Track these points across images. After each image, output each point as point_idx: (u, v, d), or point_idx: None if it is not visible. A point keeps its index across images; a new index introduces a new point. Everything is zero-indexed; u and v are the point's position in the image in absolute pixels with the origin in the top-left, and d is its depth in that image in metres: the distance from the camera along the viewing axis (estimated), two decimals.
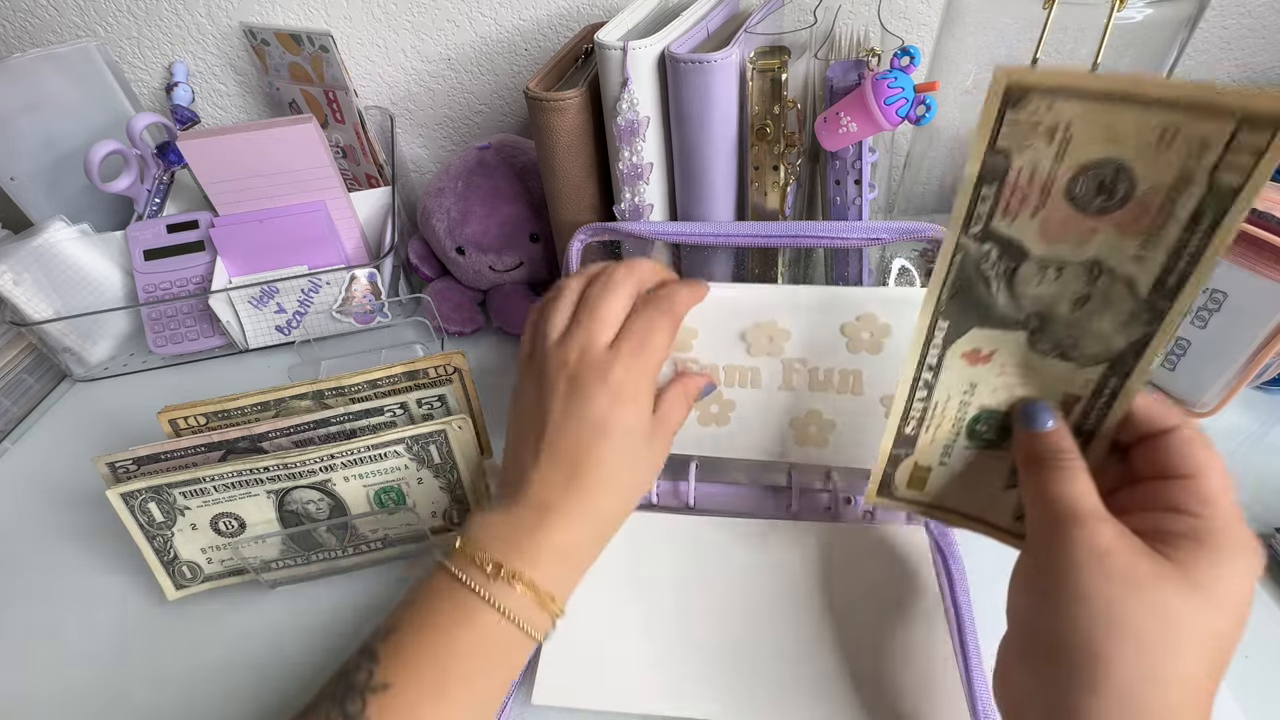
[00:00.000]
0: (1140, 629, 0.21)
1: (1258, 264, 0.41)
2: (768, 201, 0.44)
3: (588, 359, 0.31)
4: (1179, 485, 0.23)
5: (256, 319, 0.57)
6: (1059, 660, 0.22)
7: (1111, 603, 0.21)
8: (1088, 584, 0.22)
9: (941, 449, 0.29)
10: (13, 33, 0.63)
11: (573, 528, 0.31)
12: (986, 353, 0.26)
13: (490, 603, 0.28)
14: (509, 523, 0.31)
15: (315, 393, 0.39)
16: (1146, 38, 0.36)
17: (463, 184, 0.56)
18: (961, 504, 0.30)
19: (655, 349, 0.32)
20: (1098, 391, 0.25)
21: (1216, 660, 0.21)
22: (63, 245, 0.56)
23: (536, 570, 0.30)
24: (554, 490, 0.31)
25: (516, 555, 0.30)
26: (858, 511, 0.39)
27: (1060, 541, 0.23)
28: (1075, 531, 0.23)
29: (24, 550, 0.45)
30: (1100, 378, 0.25)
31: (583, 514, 0.31)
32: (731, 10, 0.48)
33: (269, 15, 0.61)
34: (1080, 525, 0.23)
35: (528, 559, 0.30)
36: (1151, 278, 0.22)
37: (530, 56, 0.63)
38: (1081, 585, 0.22)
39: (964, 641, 0.34)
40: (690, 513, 0.41)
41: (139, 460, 0.37)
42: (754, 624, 0.36)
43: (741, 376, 0.38)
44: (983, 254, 0.24)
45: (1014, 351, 0.26)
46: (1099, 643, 0.21)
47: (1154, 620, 0.21)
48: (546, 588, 0.30)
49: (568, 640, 0.35)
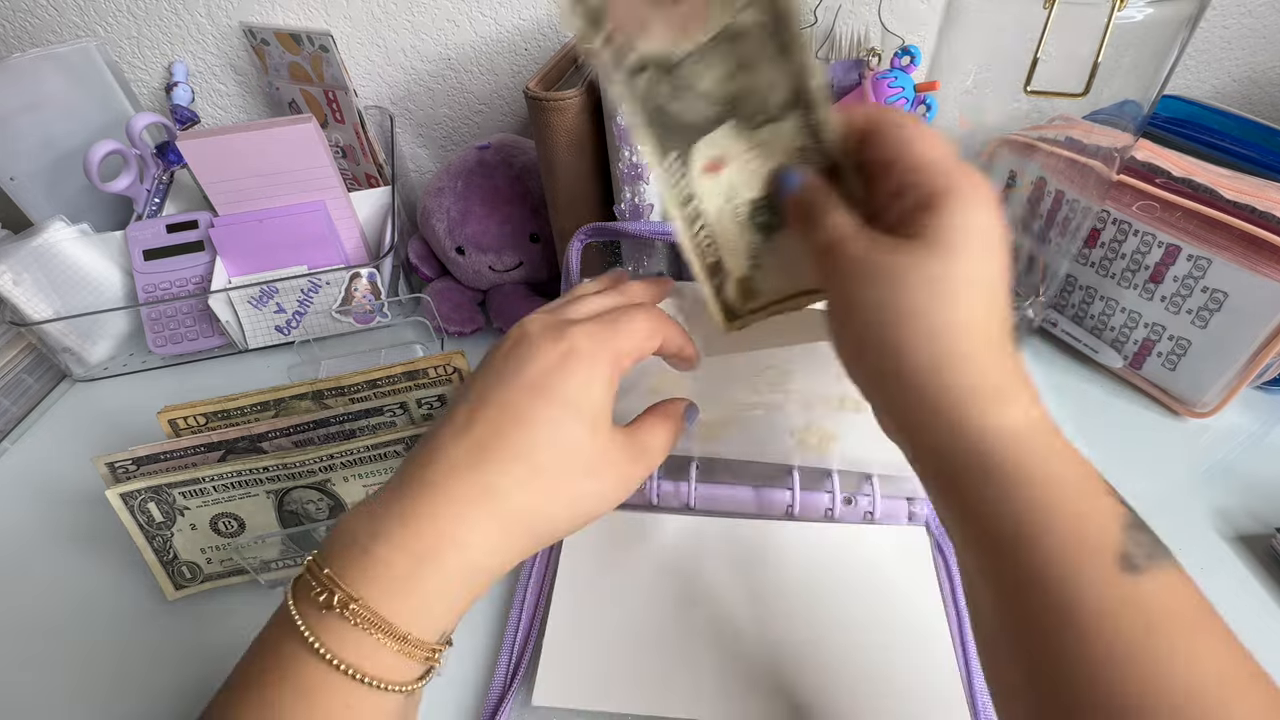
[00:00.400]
0: (908, 307, 0.22)
1: (1258, 264, 0.41)
2: None
3: (546, 322, 0.26)
4: (896, 168, 0.24)
5: (256, 319, 0.57)
6: (873, 366, 0.24)
7: (880, 300, 0.23)
8: (859, 294, 0.23)
9: (747, 256, 0.30)
10: (12, 33, 0.63)
11: (463, 516, 0.23)
12: (717, 157, 0.27)
13: (316, 649, 0.21)
14: (371, 514, 0.23)
15: (315, 393, 0.39)
16: (1147, 37, 0.36)
17: (463, 184, 0.56)
18: (796, 285, 0.31)
19: (627, 331, 0.27)
20: (810, 131, 0.26)
21: (984, 298, 0.22)
22: (62, 245, 0.56)
23: (392, 590, 0.22)
24: (454, 464, 0.23)
25: (363, 566, 0.22)
26: (858, 512, 0.39)
27: (831, 272, 0.24)
28: (837, 258, 0.24)
29: (23, 550, 0.45)
30: (800, 119, 0.26)
31: (484, 498, 0.23)
32: None
33: (269, 15, 0.61)
34: (839, 250, 0.24)
35: (381, 569, 0.22)
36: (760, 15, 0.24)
37: (530, 56, 0.63)
38: (856, 298, 0.23)
39: (964, 642, 0.34)
40: (690, 513, 0.41)
41: (138, 460, 0.37)
42: (754, 625, 0.36)
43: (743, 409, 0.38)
44: (648, 83, 0.26)
45: (734, 141, 0.27)
46: (887, 337, 0.22)
47: (913, 293, 0.22)
48: (404, 622, 0.21)
49: (568, 641, 0.35)
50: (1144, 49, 0.37)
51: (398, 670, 0.22)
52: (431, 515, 0.23)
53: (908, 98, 0.37)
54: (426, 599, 0.22)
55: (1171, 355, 0.47)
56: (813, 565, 0.38)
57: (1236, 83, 0.63)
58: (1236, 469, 0.44)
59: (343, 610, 0.21)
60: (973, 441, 0.22)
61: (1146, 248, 0.46)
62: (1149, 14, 0.35)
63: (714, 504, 0.41)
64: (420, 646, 0.22)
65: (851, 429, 0.37)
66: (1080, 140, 0.43)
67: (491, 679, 0.35)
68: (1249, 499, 0.42)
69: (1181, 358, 0.46)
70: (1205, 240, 0.43)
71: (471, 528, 0.23)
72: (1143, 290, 0.47)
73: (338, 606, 0.21)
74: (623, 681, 0.34)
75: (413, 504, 0.23)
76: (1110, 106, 0.40)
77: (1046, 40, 0.35)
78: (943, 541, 0.38)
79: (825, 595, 0.36)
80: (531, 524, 0.24)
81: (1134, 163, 0.48)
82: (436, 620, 0.23)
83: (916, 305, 0.22)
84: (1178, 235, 0.44)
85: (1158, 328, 0.47)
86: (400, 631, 0.22)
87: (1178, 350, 0.46)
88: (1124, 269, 0.48)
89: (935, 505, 0.24)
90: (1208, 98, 0.58)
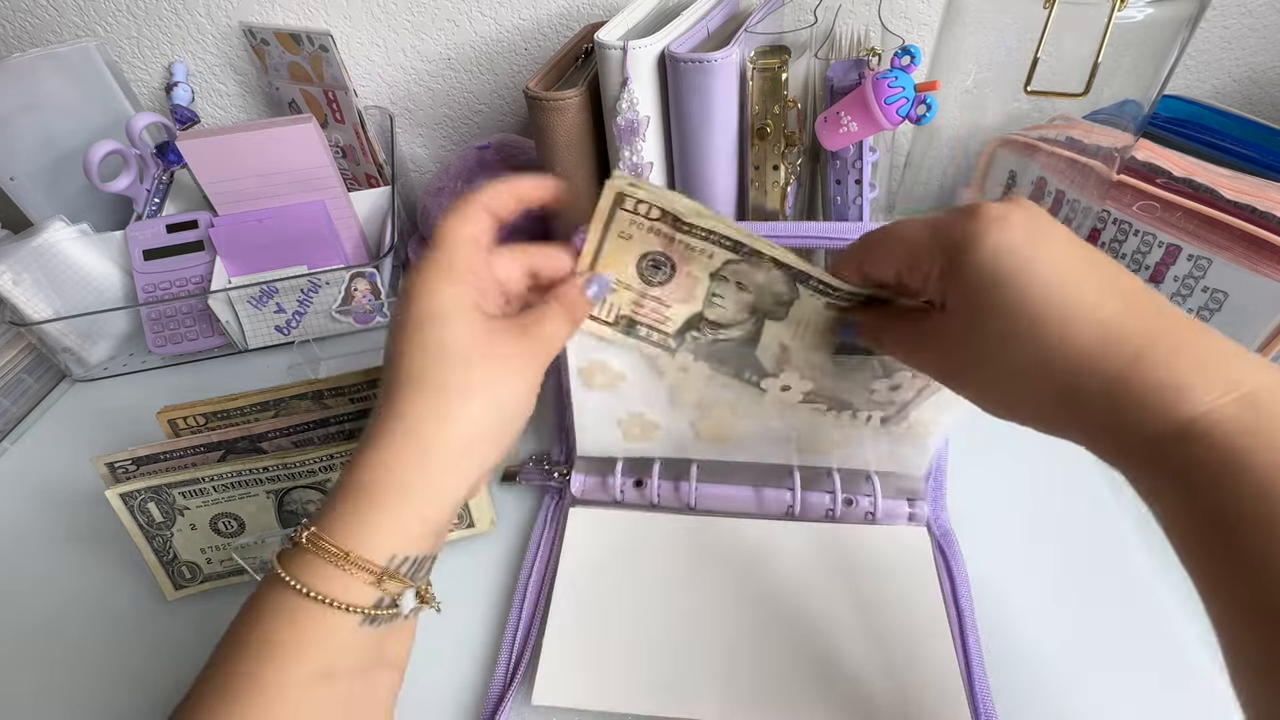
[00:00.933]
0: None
1: (1258, 264, 0.41)
2: (768, 201, 0.44)
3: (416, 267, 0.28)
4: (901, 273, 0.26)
5: (256, 319, 0.57)
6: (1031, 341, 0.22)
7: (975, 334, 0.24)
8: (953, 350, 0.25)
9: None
10: (12, 33, 0.63)
11: (380, 445, 0.25)
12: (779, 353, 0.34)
13: (280, 576, 0.24)
14: (345, 469, 0.26)
15: (315, 393, 0.39)
16: (1147, 37, 0.36)
17: (463, 184, 0.56)
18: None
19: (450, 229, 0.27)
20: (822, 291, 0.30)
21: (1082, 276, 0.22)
22: (62, 245, 0.56)
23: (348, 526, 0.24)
24: (378, 402, 0.26)
25: (331, 512, 0.25)
26: (859, 513, 0.39)
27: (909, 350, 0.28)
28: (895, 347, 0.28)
29: (23, 550, 0.45)
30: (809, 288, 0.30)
31: (389, 421, 0.25)
32: (731, 10, 0.48)
33: (269, 15, 0.61)
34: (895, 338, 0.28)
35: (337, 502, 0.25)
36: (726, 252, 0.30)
37: (530, 56, 0.63)
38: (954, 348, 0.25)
39: (965, 643, 0.34)
40: (691, 513, 0.41)
41: (138, 460, 0.37)
42: (755, 625, 0.36)
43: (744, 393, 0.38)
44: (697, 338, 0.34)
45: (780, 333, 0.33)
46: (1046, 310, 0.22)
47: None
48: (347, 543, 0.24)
49: (568, 640, 0.35)
50: (1144, 49, 0.37)
51: (349, 591, 0.24)
52: (365, 441, 0.25)
53: (908, 98, 0.37)
54: (368, 522, 0.24)
55: None
56: (813, 565, 0.38)
57: (1236, 83, 0.63)
58: None
59: (305, 540, 0.24)
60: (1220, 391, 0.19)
61: (1147, 248, 0.46)
62: (1149, 14, 0.35)
63: (714, 504, 0.41)
64: (363, 565, 0.24)
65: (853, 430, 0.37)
66: (1080, 140, 0.43)
67: (491, 678, 0.35)
68: None
69: None
70: (1205, 240, 0.43)
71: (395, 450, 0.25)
72: None
73: (306, 540, 0.24)
74: (623, 681, 0.34)
75: (362, 443, 0.25)
76: (1110, 106, 0.40)
77: (1046, 40, 0.35)
78: (944, 542, 0.38)
79: (826, 595, 0.36)
80: (443, 432, 0.25)
81: (1134, 163, 0.48)
82: (383, 543, 0.24)
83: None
84: (1178, 235, 0.44)
85: None
86: (340, 550, 0.24)
87: None
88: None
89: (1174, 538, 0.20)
90: (1208, 98, 0.58)
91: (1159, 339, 0.20)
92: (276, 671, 0.23)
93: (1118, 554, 0.38)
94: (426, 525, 0.25)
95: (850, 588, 0.37)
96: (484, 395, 0.26)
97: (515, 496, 0.44)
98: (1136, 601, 0.36)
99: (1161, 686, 0.33)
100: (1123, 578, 0.37)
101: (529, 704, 0.34)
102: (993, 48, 0.40)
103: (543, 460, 0.44)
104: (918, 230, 0.24)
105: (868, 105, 0.37)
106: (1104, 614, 0.36)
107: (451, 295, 0.26)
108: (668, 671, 0.34)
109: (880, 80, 0.37)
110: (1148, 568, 0.37)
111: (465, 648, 0.37)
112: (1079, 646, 0.34)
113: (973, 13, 0.40)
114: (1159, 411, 0.19)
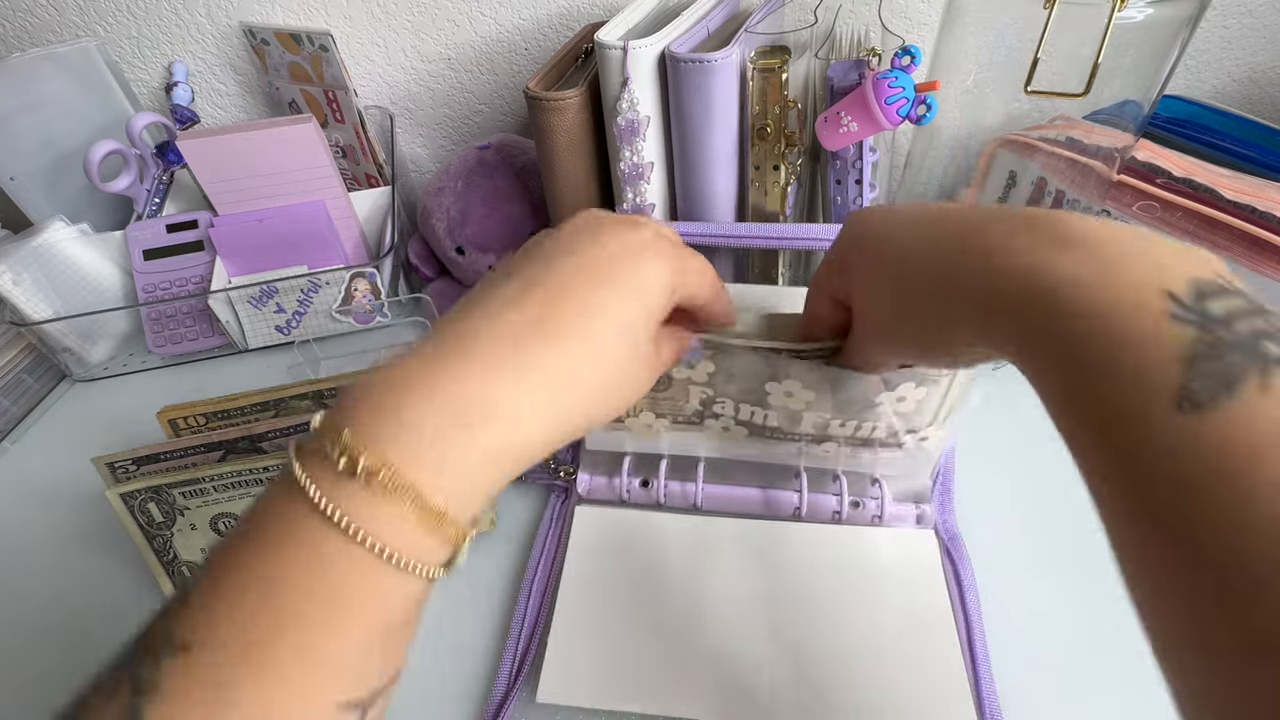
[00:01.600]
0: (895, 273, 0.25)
1: (1258, 264, 0.41)
2: (768, 201, 0.44)
3: (616, 215, 0.26)
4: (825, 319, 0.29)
5: (256, 319, 0.57)
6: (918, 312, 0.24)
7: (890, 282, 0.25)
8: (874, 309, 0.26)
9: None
10: (12, 32, 0.63)
11: (516, 389, 0.20)
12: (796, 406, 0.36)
13: (336, 520, 0.18)
14: (396, 376, 0.20)
15: (315, 393, 0.39)
16: (1147, 37, 0.36)
17: (463, 184, 0.56)
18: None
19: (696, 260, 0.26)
20: (798, 355, 0.32)
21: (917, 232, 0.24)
22: (62, 245, 0.56)
23: (422, 456, 0.19)
24: (503, 337, 0.21)
25: (393, 429, 0.19)
26: (866, 515, 0.39)
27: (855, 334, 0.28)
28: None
29: (23, 550, 0.45)
30: (789, 356, 0.32)
31: (543, 365, 0.21)
32: (731, 10, 0.48)
33: (269, 15, 0.61)
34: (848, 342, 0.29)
35: (412, 434, 0.19)
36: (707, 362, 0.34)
37: (530, 56, 0.63)
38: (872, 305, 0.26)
39: (973, 645, 0.34)
40: (697, 513, 0.41)
41: (138, 460, 0.37)
42: (761, 626, 0.36)
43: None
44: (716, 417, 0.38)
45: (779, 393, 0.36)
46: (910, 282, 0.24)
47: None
48: (435, 493, 0.19)
49: (573, 638, 0.35)
50: (1144, 49, 0.37)
51: (424, 551, 0.19)
52: (477, 379, 0.20)
53: (908, 98, 0.37)
54: (464, 469, 0.19)
55: None
56: (820, 567, 0.38)
57: (1236, 83, 0.63)
58: None
59: (369, 479, 0.18)
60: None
61: None
62: (1149, 14, 0.35)
63: (721, 504, 0.41)
64: (454, 527, 0.19)
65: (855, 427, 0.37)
66: (1080, 140, 0.43)
67: (495, 675, 0.35)
68: None
69: None
70: (1205, 240, 0.43)
71: (524, 401, 0.21)
72: None
73: (362, 474, 0.18)
74: (627, 680, 0.34)
75: (451, 369, 0.20)
76: (1110, 106, 0.40)
77: (1046, 40, 0.35)
78: (951, 545, 0.38)
79: (832, 598, 0.36)
80: (587, 408, 0.23)
81: (1134, 163, 0.48)
82: (470, 496, 0.20)
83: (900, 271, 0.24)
84: (1178, 235, 0.44)
85: None
86: (433, 505, 0.19)
87: None
88: None
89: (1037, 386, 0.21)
90: (1208, 98, 0.58)
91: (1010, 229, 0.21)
92: (339, 640, 0.18)
93: None
94: (508, 479, 0.21)
95: (857, 590, 0.37)
96: (628, 393, 0.25)
97: (520, 495, 0.44)
98: None
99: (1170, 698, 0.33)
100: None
101: (533, 701, 0.34)
102: (993, 48, 0.40)
103: (548, 459, 0.44)
104: (822, 270, 0.28)
105: (868, 105, 0.37)
106: (1111, 617, 0.36)
107: (663, 303, 0.25)
108: (672, 671, 0.34)
109: (880, 80, 0.37)
110: None
111: (469, 645, 0.37)
112: (1086, 650, 0.34)
113: (973, 13, 0.40)
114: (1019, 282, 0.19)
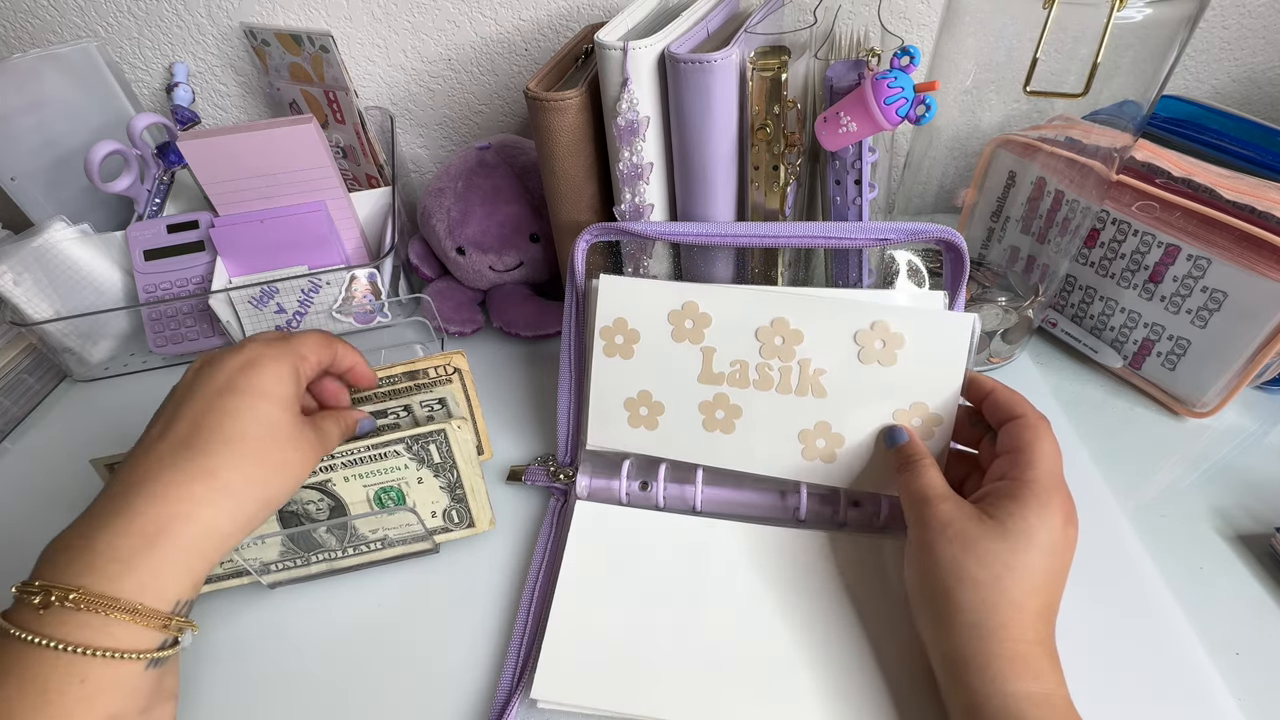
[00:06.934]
0: (973, 574, 0.28)
1: (1258, 264, 0.41)
2: (768, 201, 0.44)
3: (222, 347, 0.31)
4: (1010, 458, 0.31)
5: (256, 319, 0.57)
6: (934, 608, 0.30)
7: (953, 559, 0.29)
8: (937, 549, 0.30)
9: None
10: (13, 33, 0.63)
11: (187, 495, 0.26)
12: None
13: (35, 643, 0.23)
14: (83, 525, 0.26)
15: None
16: (1146, 37, 0.36)
17: (463, 184, 0.56)
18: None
19: (301, 339, 0.32)
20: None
21: (1038, 584, 0.28)
22: (63, 245, 0.56)
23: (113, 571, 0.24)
24: (161, 461, 0.27)
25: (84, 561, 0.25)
26: (867, 520, 0.39)
27: (918, 521, 0.32)
28: (926, 511, 0.31)
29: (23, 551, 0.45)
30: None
31: (204, 477, 0.27)
32: (731, 10, 0.48)
33: (269, 15, 0.61)
34: (929, 506, 0.31)
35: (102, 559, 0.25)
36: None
37: (530, 56, 0.63)
38: (934, 550, 0.30)
39: None
40: (696, 516, 0.41)
41: None
42: (760, 630, 0.35)
43: (751, 376, 0.38)
44: None
45: None
46: (951, 589, 0.29)
47: (980, 565, 0.28)
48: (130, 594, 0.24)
49: (570, 641, 0.35)
50: (1144, 49, 0.37)
51: (134, 639, 0.25)
52: (152, 497, 0.26)
53: (907, 98, 0.37)
54: (157, 571, 0.25)
55: (1171, 355, 0.47)
56: (820, 571, 0.37)
57: (1236, 83, 0.63)
58: (1236, 469, 0.44)
59: (62, 603, 0.24)
60: (1000, 699, 0.26)
61: (1146, 248, 0.46)
62: (1149, 14, 0.35)
63: (720, 507, 0.41)
64: (153, 615, 0.25)
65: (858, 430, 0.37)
66: (1080, 140, 0.43)
67: (498, 677, 0.35)
68: (1248, 499, 0.42)
69: (1181, 358, 0.46)
70: (1205, 240, 0.43)
71: (199, 502, 0.27)
72: (1142, 290, 0.47)
73: (56, 601, 0.24)
74: (624, 683, 0.34)
75: (128, 501, 0.26)
76: (1110, 106, 0.40)
77: (1045, 40, 0.35)
78: None
79: (832, 602, 0.36)
80: (257, 493, 0.29)
81: (1133, 163, 0.48)
82: (169, 589, 0.26)
83: (980, 576, 0.28)
84: (1177, 235, 0.44)
85: (1157, 328, 0.47)
86: (129, 604, 0.24)
87: (1177, 350, 0.46)
88: (1123, 269, 0.48)
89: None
90: (1207, 98, 0.58)
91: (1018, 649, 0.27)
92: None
93: (1124, 563, 0.38)
94: (206, 571, 0.28)
95: (857, 595, 0.36)
96: (294, 470, 0.31)
97: (520, 496, 0.44)
98: (1145, 612, 0.36)
99: (1170, 698, 0.33)
100: (1130, 587, 0.37)
101: (536, 706, 0.34)
102: (992, 48, 0.40)
103: (547, 461, 0.44)
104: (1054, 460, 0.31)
105: (867, 105, 0.37)
106: (1111, 624, 0.36)
107: (292, 392, 0.31)
108: (670, 675, 0.34)
109: (880, 80, 0.37)
110: (1155, 578, 0.37)
111: (470, 647, 0.37)
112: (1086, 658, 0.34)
113: (972, 13, 0.40)
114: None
